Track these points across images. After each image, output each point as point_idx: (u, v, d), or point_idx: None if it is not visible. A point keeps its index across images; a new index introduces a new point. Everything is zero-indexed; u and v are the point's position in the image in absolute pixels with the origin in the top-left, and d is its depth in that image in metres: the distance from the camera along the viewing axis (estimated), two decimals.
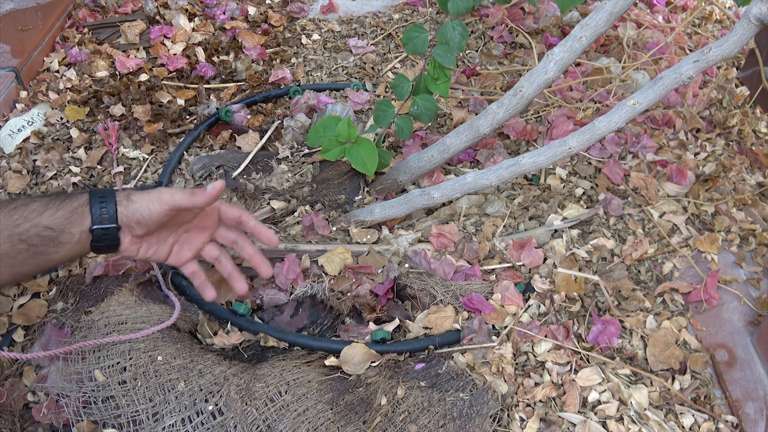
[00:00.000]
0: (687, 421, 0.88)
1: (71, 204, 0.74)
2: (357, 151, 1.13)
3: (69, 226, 0.74)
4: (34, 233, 0.71)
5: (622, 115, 0.99)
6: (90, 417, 0.84)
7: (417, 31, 1.10)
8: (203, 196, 0.81)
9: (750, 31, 0.90)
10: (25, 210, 0.72)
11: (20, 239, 0.71)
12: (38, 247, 0.72)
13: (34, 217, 0.71)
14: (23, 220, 0.71)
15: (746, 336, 1.01)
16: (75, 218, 0.74)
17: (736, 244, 1.15)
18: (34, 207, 0.72)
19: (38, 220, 0.71)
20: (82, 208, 0.75)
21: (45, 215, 0.72)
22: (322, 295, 1.03)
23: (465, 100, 1.46)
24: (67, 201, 0.75)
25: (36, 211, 0.72)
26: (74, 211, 0.74)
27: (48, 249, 0.73)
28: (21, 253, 0.71)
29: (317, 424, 0.84)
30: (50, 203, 0.73)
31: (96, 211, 0.75)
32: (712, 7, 1.78)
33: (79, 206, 0.75)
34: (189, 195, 0.81)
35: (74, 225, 0.74)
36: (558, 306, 1.00)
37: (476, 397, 0.87)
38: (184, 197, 0.80)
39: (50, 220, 0.72)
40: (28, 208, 0.72)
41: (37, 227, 0.71)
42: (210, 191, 0.81)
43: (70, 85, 1.52)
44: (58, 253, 0.74)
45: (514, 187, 1.24)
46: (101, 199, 0.76)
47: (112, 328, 0.90)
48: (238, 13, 1.79)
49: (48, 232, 0.72)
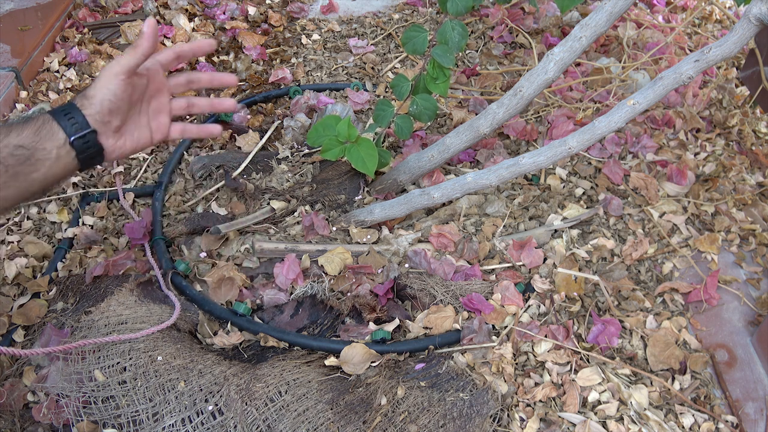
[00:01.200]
0: (687, 421, 0.88)
1: (34, 123, 0.74)
2: (357, 150, 1.13)
3: (40, 142, 0.73)
4: (6, 153, 0.70)
5: (622, 115, 0.99)
6: (90, 417, 0.84)
7: (416, 31, 1.10)
8: (144, 39, 0.79)
9: (750, 31, 0.90)
10: None
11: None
12: (15, 167, 0.71)
13: (1, 138, 0.71)
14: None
15: (746, 336, 1.01)
16: (44, 133, 0.73)
17: (736, 244, 1.15)
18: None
19: (7, 140, 0.71)
20: (48, 125, 0.74)
21: (11, 136, 0.71)
22: (322, 295, 1.03)
23: (465, 100, 1.46)
24: (29, 122, 0.74)
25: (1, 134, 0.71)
26: (40, 128, 0.73)
27: (26, 168, 0.72)
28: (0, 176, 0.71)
29: (317, 424, 0.84)
30: (13, 127, 0.73)
31: (64, 123, 0.74)
32: (712, 7, 1.78)
33: (43, 123, 0.74)
34: (132, 50, 0.80)
35: (45, 141, 0.73)
36: (558, 306, 1.00)
37: (476, 397, 0.87)
38: (130, 54, 0.79)
39: (18, 139, 0.71)
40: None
41: (7, 147, 0.70)
42: (146, 31, 0.78)
43: (70, 85, 1.52)
44: (39, 171, 0.73)
45: (514, 187, 1.24)
46: (64, 111, 0.75)
47: (112, 328, 0.91)
48: (238, 13, 1.79)
49: (20, 151, 0.71)
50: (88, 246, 1.13)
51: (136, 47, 0.79)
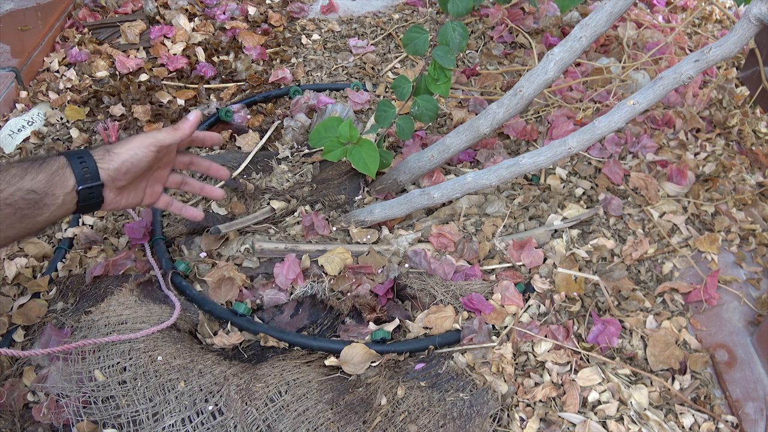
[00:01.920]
0: (687, 421, 0.88)
1: (50, 167, 0.75)
2: (359, 152, 1.13)
3: (52, 188, 0.74)
4: (19, 197, 0.71)
5: (622, 115, 0.99)
6: (90, 417, 0.84)
7: (417, 32, 1.10)
8: (186, 126, 0.83)
9: (750, 31, 0.90)
10: (6, 175, 0.72)
11: (6, 203, 0.71)
12: (24, 210, 0.72)
13: (16, 181, 0.72)
14: (6, 185, 0.71)
15: (746, 336, 1.01)
16: (57, 180, 0.74)
17: (736, 244, 1.15)
18: (13, 172, 0.72)
19: (21, 184, 0.72)
20: (62, 170, 0.75)
21: (26, 179, 0.72)
22: (322, 295, 1.03)
23: (465, 100, 1.46)
24: (45, 164, 0.75)
25: (17, 176, 0.72)
26: (55, 173, 0.74)
27: (33, 212, 0.73)
28: (8, 218, 0.71)
29: (317, 424, 0.84)
30: (29, 167, 0.73)
31: (77, 170, 0.76)
32: (712, 7, 1.78)
33: (58, 168, 0.75)
34: (172, 131, 0.83)
35: (57, 187, 0.74)
36: (558, 306, 1.00)
37: (476, 397, 0.87)
38: (169, 134, 0.83)
39: (32, 184, 0.72)
40: (8, 174, 0.72)
41: (21, 191, 0.72)
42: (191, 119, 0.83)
43: (70, 85, 1.52)
44: (43, 215, 0.74)
45: (514, 187, 1.24)
46: (80, 158, 0.76)
47: (112, 328, 0.91)
48: (238, 13, 1.79)
49: (32, 195, 0.72)
50: (88, 246, 1.13)
51: (177, 130, 0.84)
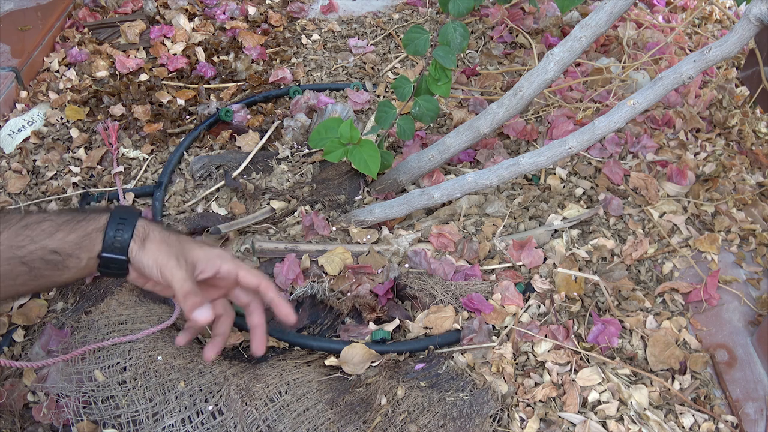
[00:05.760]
0: (687, 421, 0.88)
1: (86, 227, 0.68)
2: (360, 152, 1.13)
3: (78, 251, 0.68)
4: (37, 257, 0.65)
5: (622, 115, 0.99)
6: (90, 417, 0.84)
7: (418, 32, 1.10)
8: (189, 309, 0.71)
9: (750, 31, 0.90)
10: (36, 229, 0.66)
11: (21, 262, 0.65)
12: (40, 270, 0.66)
13: (43, 238, 0.66)
14: (29, 242, 0.65)
15: (746, 336, 1.01)
16: (86, 243, 0.68)
17: (736, 244, 1.15)
18: (45, 227, 0.67)
19: (46, 242, 0.65)
20: (96, 234, 0.69)
21: (55, 237, 0.66)
22: (322, 295, 1.03)
23: (465, 100, 1.46)
24: (82, 223, 0.69)
25: (46, 231, 0.66)
26: (87, 236, 0.68)
27: (51, 273, 0.67)
28: (20, 276, 0.65)
29: (317, 424, 0.84)
30: (63, 224, 0.67)
31: (109, 236, 0.69)
32: (712, 7, 1.78)
33: (93, 231, 0.69)
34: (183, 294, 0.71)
35: (84, 250, 0.68)
36: (558, 306, 1.00)
37: (476, 397, 0.87)
38: (178, 284, 0.71)
39: (59, 244, 0.66)
40: (38, 227, 0.66)
41: (42, 250, 0.65)
42: (198, 317, 0.71)
43: (70, 85, 1.52)
44: (62, 276, 0.68)
45: (514, 187, 1.24)
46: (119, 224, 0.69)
47: (112, 328, 0.91)
48: (238, 13, 1.79)
49: (53, 257, 0.66)
50: None
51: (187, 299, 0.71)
